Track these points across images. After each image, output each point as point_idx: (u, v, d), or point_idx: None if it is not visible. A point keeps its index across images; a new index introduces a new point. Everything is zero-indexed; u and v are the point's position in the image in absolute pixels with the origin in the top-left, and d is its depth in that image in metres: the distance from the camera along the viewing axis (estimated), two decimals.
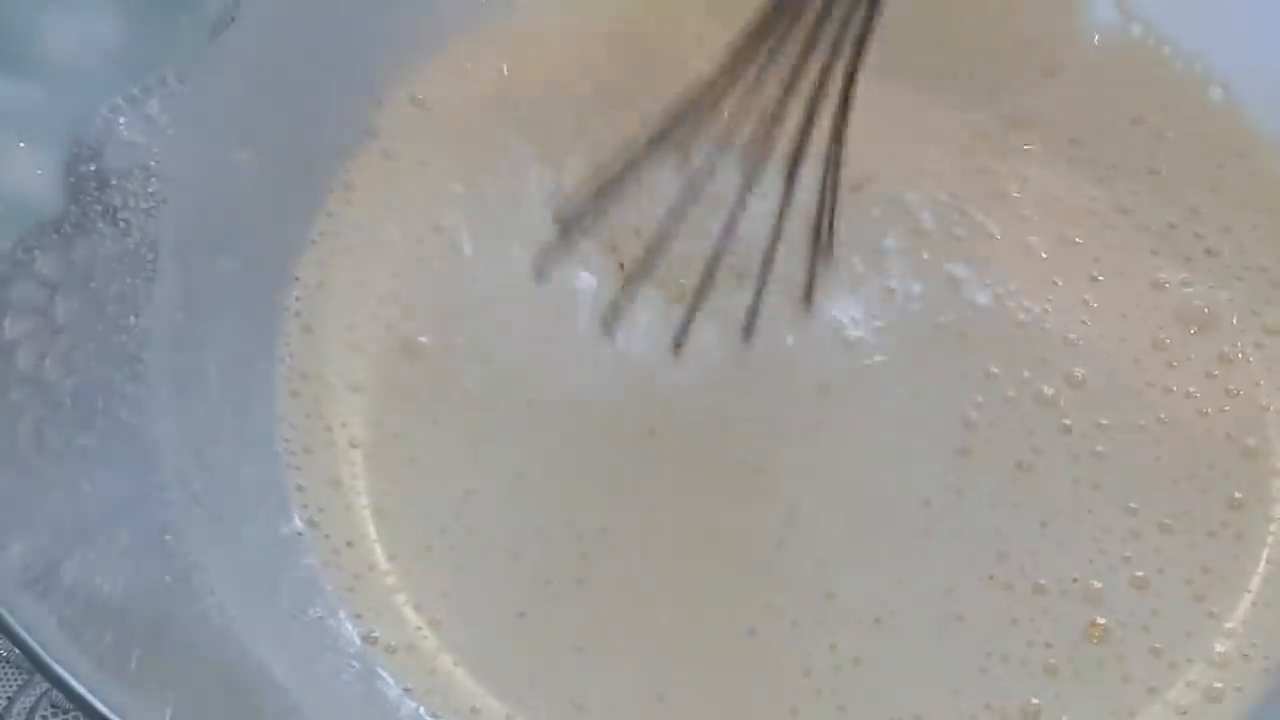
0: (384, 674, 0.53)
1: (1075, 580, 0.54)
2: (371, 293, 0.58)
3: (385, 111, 0.60)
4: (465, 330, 0.57)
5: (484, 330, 0.57)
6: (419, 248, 0.58)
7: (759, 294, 0.55)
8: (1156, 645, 0.53)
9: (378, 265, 0.58)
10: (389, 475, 0.56)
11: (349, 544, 0.55)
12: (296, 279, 0.57)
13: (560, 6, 0.62)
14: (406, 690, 0.53)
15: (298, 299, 0.57)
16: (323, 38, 0.57)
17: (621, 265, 0.57)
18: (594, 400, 0.56)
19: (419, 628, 0.54)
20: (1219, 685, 0.53)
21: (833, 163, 0.53)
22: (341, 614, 0.54)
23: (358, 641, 0.54)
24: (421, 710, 0.53)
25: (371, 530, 0.55)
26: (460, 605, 0.54)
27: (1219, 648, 0.53)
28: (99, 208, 0.50)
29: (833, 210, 0.54)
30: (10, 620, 0.42)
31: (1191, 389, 0.57)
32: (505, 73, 0.61)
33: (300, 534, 0.54)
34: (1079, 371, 0.57)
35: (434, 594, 0.54)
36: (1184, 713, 0.52)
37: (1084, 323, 0.57)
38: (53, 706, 0.54)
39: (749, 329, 0.55)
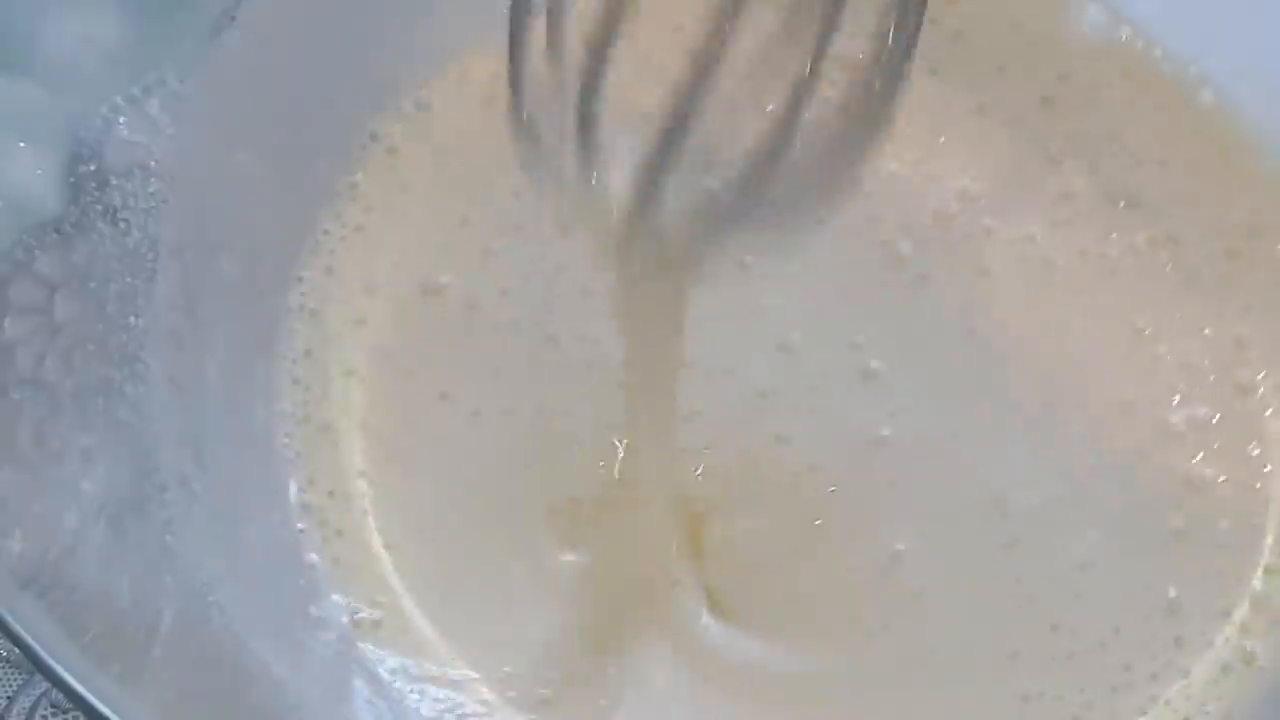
0: (386, 674, 0.53)
1: None
2: (382, 257, 0.58)
3: (387, 113, 0.60)
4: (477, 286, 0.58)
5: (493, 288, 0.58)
6: (429, 243, 0.59)
7: None
8: None
9: (385, 240, 0.58)
10: (393, 472, 0.56)
11: (350, 543, 0.55)
12: (300, 279, 0.57)
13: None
14: (408, 690, 0.53)
15: (303, 294, 0.57)
16: (323, 38, 0.57)
17: None
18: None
19: (421, 626, 0.54)
20: None
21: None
22: (342, 613, 0.54)
23: (359, 641, 0.54)
24: (423, 709, 0.53)
25: (373, 529, 0.55)
26: (465, 604, 0.55)
27: None
28: (99, 207, 0.50)
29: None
30: (10, 620, 0.42)
31: None
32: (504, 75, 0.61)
33: (300, 533, 0.55)
34: None
35: (438, 593, 0.55)
36: None
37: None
38: (52, 706, 0.54)
39: None
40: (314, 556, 0.55)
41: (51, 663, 0.42)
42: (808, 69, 0.46)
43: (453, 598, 0.54)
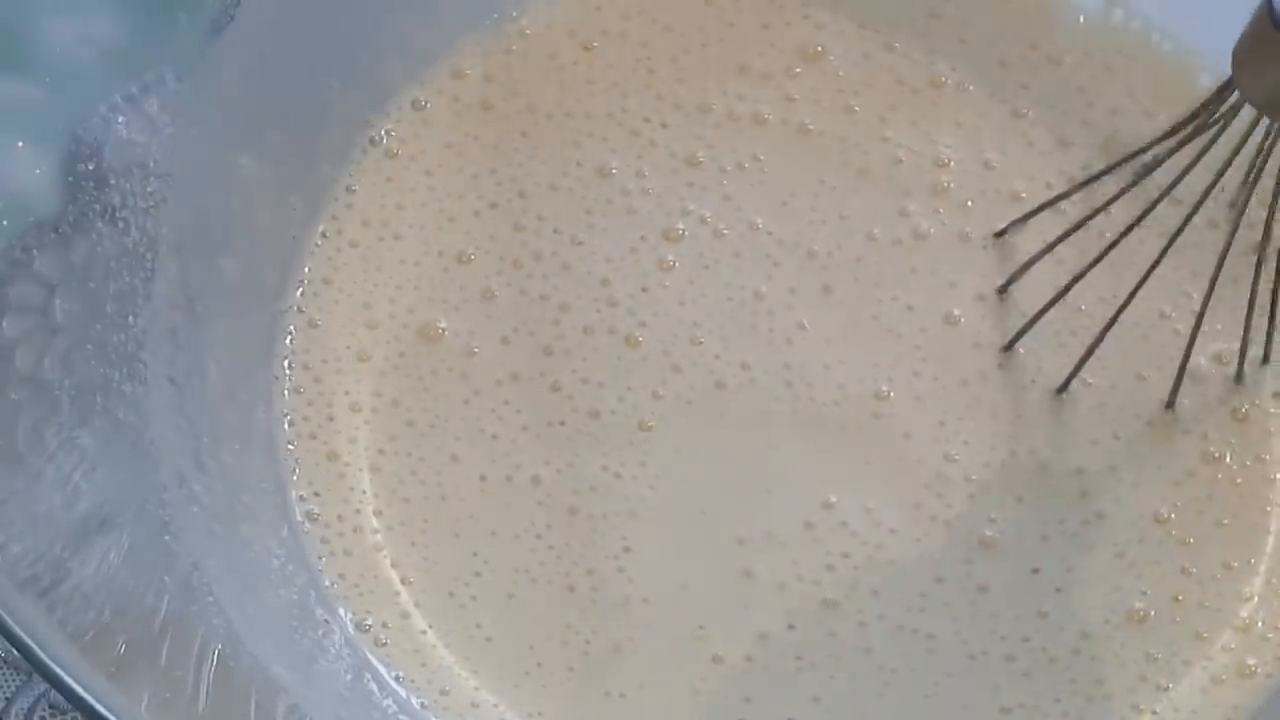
0: (385, 673, 0.53)
1: None
2: (380, 289, 0.58)
3: (387, 113, 0.59)
4: (477, 333, 0.57)
5: (498, 321, 0.57)
6: (426, 246, 0.58)
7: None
8: None
9: (384, 262, 0.58)
10: (393, 475, 0.56)
11: (352, 549, 0.55)
12: (301, 281, 0.57)
13: (561, 11, 0.62)
14: (407, 691, 0.53)
15: (302, 299, 0.57)
16: (323, 37, 0.57)
17: None
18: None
19: (423, 631, 0.54)
20: None
21: None
22: (343, 615, 0.54)
23: (358, 641, 0.53)
24: (422, 708, 0.53)
25: (378, 539, 0.55)
26: (463, 604, 0.54)
27: None
28: (98, 207, 0.50)
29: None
30: (9, 621, 0.42)
31: None
32: (508, 77, 0.61)
33: (305, 535, 0.54)
34: None
35: (436, 594, 0.54)
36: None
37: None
38: (51, 707, 0.53)
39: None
40: (318, 563, 0.54)
41: (50, 663, 0.42)
42: None
43: (476, 632, 0.54)
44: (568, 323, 0.57)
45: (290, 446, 0.56)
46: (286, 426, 0.56)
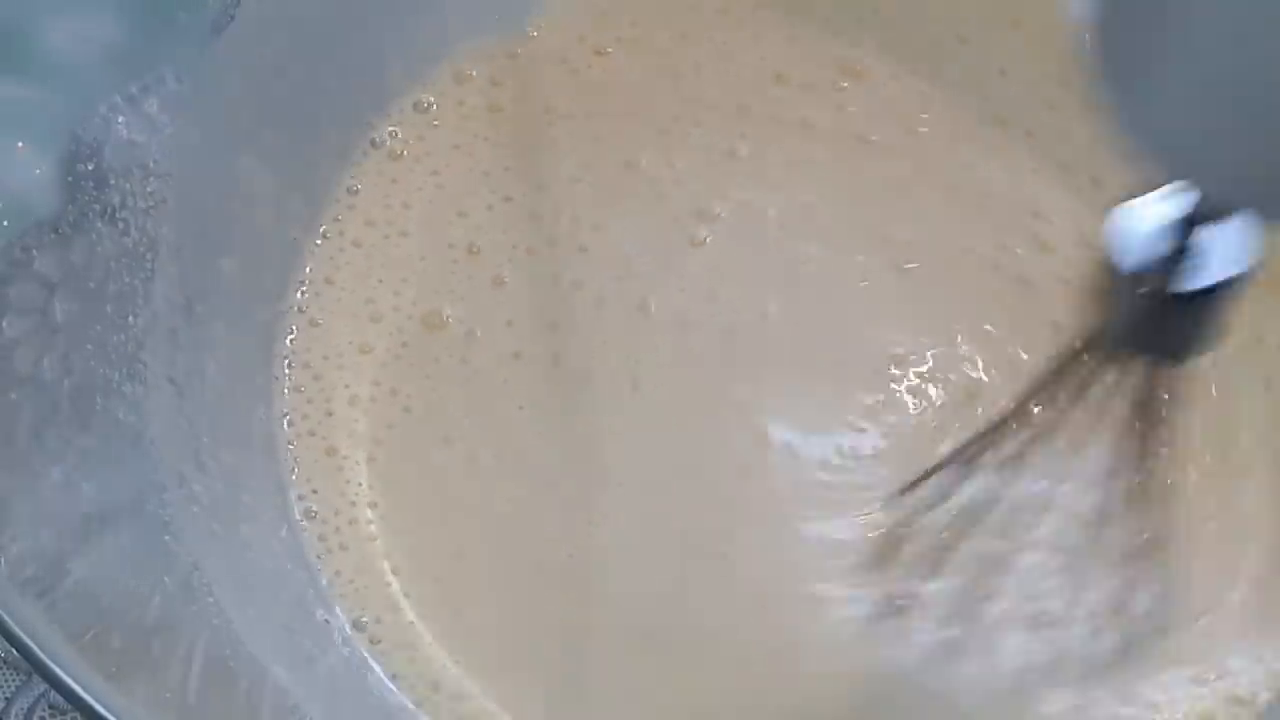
0: (384, 674, 0.53)
1: None
2: (384, 284, 0.58)
3: (388, 114, 0.59)
4: (481, 318, 0.57)
5: (505, 305, 0.57)
6: (435, 241, 0.58)
7: None
8: None
9: (390, 259, 0.58)
10: (392, 474, 0.56)
11: (348, 544, 0.55)
12: (302, 282, 0.57)
13: (567, 17, 0.61)
14: (405, 690, 0.53)
15: (303, 299, 0.57)
16: (323, 37, 0.57)
17: None
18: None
19: (420, 630, 0.54)
20: None
21: None
22: (341, 613, 0.54)
23: (357, 642, 0.53)
24: (420, 709, 0.53)
25: (371, 530, 0.55)
26: (460, 603, 0.54)
27: None
28: (98, 207, 0.50)
29: None
30: (9, 621, 0.42)
31: None
32: (516, 81, 0.60)
33: (303, 535, 0.54)
34: None
35: (434, 594, 0.54)
36: None
37: None
38: (51, 708, 0.53)
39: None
40: (316, 561, 0.54)
41: (49, 664, 0.42)
42: None
43: (459, 619, 0.54)
44: (579, 299, 0.56)
45: (290, 446, 0.56)
46: (286, 426, 0.56)
